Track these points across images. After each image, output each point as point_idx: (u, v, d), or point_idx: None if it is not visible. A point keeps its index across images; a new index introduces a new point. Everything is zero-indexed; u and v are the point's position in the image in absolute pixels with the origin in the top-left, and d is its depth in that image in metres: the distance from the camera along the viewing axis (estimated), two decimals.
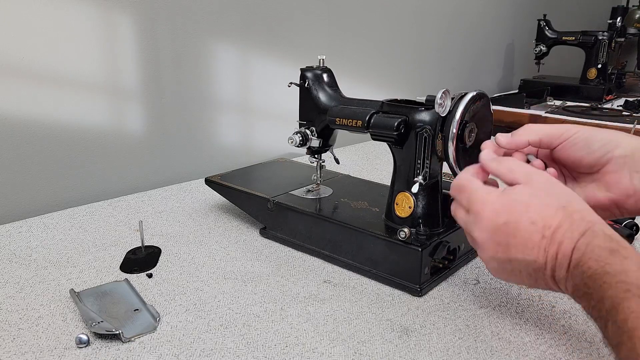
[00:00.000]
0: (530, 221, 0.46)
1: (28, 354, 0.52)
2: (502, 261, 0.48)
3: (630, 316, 0.37)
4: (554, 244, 0.45)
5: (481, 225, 0.49)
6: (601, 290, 0.40)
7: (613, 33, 1.98)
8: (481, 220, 0.49)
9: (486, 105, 0.65)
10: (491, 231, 0.48)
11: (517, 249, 0.47)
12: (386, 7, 1.53)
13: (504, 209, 0.48)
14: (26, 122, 0.89)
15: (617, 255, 0.41)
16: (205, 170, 1.13)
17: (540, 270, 0.46)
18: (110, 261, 0.72)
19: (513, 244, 0.47)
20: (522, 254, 0.46)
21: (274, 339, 0.55)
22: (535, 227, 0.46)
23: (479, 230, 0.49)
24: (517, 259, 0.47)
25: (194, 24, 1.07)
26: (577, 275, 0.43)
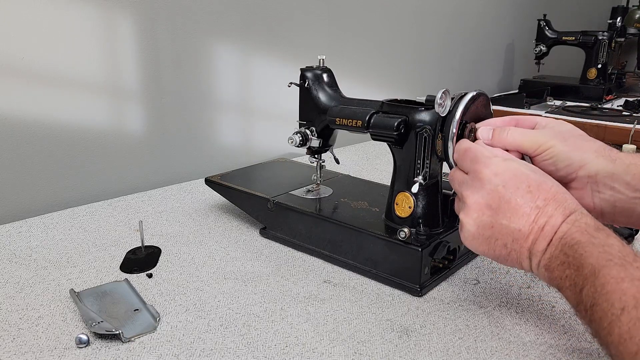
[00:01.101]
0: (527, 190, 0.48)
1: (28, 354, 0.52)
2: (484, 225, 0.50)
3: (609, 280, 0.40)
4: (544, 215, 0.47)
5: (478, 184, 0.51)
6: (581, 259, 0.43)
7: (613, 33, 1.98)
8: (480, 179, 0.51)
9: (486, 105, 0.65)
10: (486, 191, 0.50)
11: (505, 214, 0.49)
12: (386, 7, 1.53)
13: (507, 173, 0.50)
14: (26, 122, 0.89)
15: (603, 232, 0.44)
16: (205, 170, 1.13)
17: (519, 240, 0.48)
18: (110, 261, 0.72)
19: (504, 208, 0.49)
20: (508, 220, 0.48)
21: (274, 339, 0.55)
22: (532, 196, 0.48)
23: (472, 189, 0.51)
24: (501, 224, 0.49)
25: (194, 24, 1.07)
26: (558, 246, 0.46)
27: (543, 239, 0.47)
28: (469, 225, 0.51)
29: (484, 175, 0.51)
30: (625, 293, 0.38)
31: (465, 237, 0.53)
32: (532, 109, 1.76)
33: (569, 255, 0.44)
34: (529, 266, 0.49)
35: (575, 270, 0.43)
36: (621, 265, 0.40)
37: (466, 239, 0.53)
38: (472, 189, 0.51)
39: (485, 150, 0.53)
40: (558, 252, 0.45)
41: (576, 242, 0.44)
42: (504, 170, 0.50)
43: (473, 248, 0.53)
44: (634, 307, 0.37)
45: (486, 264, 0.72)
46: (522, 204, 0.48)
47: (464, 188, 0.53)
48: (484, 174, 0.51)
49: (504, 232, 0.49)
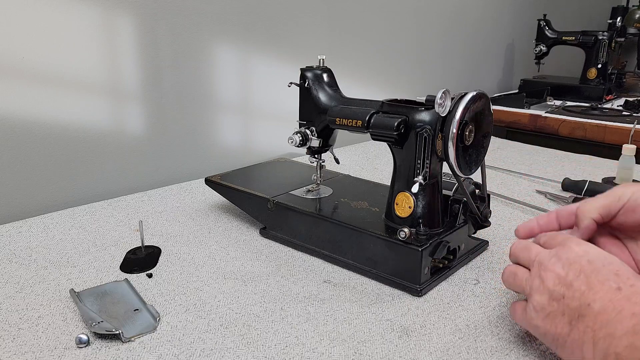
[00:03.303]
0: (615, 272, 0.44)
1: (28, 354, 0.52)
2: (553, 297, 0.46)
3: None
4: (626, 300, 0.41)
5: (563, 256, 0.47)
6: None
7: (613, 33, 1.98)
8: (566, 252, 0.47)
9: (486, 105, 0.65)
10: (569, 261, 0.46)
11: (579, 288, 0.44)
12: (386, 7, 1.53)
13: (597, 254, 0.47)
14: (26, 122, 0.89)
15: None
16: (205, 170, 1.13)
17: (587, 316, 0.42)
18: (110, 261, 0.72)
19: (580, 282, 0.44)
20: (580, 293, 0.44)
21: (274, 339, 0.55)
22: (617, 278, 0.43)
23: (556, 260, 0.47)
24: (573, 297, 0.44)
25: (194, 24, 1.07)
26: None
27: (619, 323, 0.40)
28: (540, 294, 0.47)
29: (572, 248, 0.47)
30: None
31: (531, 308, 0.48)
32: (532, 109, 1.76)
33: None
34: (591, 353, 0.41)
35: None
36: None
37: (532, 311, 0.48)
38: (554, 258, 0.48)
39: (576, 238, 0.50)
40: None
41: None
42: (595, 249, 0.47)
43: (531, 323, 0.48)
44: None
45: (486, 264, 0.72)
46: (601, 281, 0.43)
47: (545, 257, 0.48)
48: (572, 247, 0.47)
49: (573, 307, 0.44)
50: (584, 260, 0.46)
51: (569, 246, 0.48)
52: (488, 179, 0.74)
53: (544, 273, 0.47)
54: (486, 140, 0.68)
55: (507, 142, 1.48)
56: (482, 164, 0.70)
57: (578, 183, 0.98)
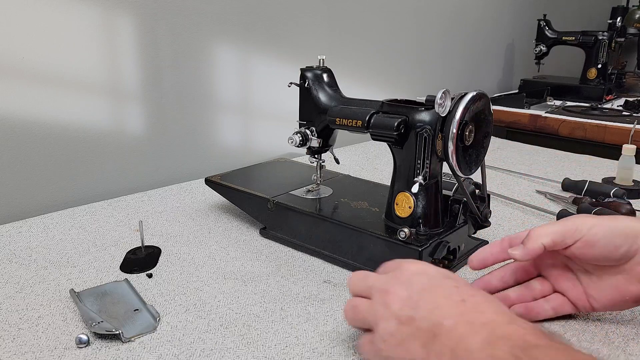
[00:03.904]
0: (454, 285, 0.44)
1: (28, 354, 0.52)
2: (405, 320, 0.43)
3: None
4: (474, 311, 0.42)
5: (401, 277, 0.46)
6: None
7: (613, 33, 1.98)
8: (403, 273, 0.47)
9: (486, 105, 0.65)
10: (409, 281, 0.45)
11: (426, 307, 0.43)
12: (386, 7, 1.53)
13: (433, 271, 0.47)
14: (26, 122, 0.89)
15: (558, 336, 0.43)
16: (205, 170, 1.13)
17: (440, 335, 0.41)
18: (110, 261, 0.72)
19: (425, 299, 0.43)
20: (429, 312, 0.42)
21: (274, 339, 0.55)
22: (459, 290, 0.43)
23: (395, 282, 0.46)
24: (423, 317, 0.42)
25: (194, 24, 1.07)
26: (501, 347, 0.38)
27: (473, 336, 0.38)
28: (387, 322, 0.44)
29: (408, 268, 0.47)
30: None
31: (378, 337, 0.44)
32: (532, 109, 1.77)
33: (521, 358, 0.35)
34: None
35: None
36: None
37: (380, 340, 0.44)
38: (392, 280, 0.46)
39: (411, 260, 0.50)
40: (504, 354, 0.36)
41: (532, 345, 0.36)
42: (430, 266, 0.47)
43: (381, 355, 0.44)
44: None
45: None
46: (445, 296, 0.43)
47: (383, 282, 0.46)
48: (408, 267, 0.47)
49: (424, 328, 0.41)
50: (424, 278, 0.45)
51: (405, 267, 0.47)
52: (488, 179, 0.74)
53: (387, 297, 0.45)
54: (486, 140, 0.68)
55: (507, 142, 1.48)
56: (482, 164, 0.70)
57: (578, 183, 0.98)
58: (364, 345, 0.47)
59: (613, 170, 1.10)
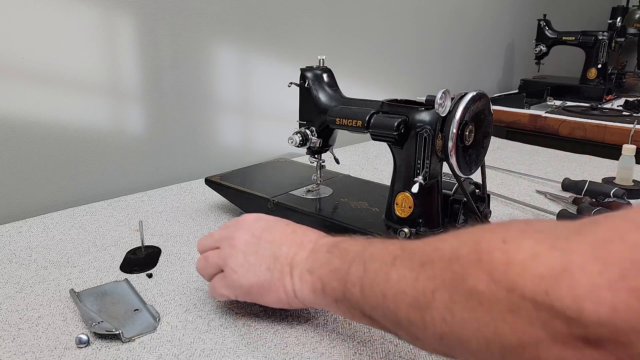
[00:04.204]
0: (286, 224, 0.56)
1: (28, 354, 0.52)
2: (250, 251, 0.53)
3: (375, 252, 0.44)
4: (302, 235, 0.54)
5: (242, 225, 0.56)
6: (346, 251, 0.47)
7: (613, 33, 1.98)
8: (243, 223, 0.56)
9: (486, 105, 0.65)
10: (250, 227, 0.55)
11: (267, 239, 0.54)
12: (386, 7, 1.53)
13: (267, 217, 0.57)
14: (26, 122, 0.89)
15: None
16: (205, 170, 1.13)
17: (280, 258, 0.52)
18: (110, 261, 0.72)
19: (265, 235, 0.54)
20: (270, 243, 0.53)
21: (274, 339, 0.55)
22: (289, 226, 0.55)
23: (238, 230, 0.55)
24: (265, 247, 0.53)
25: (194, 24, 1.07)
26: (321, 250, 0.50)
27: (303, 250, 0.51)
28: (236, 258, 0.54)
29: (246, 218, 0.57)
30: (392, 250, 0.42)
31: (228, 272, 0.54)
32: (532, 109, 1.77)
33: (332, 252, 0.48)
34: (290, 283, 0.51)
35: (340, 259, 0.47)
36: (381, 241, 0.45)
37: (231, 273, 0.54)
38: (235, 229, 0.56)
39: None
40: (322, 254, 0.49)
41: (339, 241, 0.50)
42: (263, 215, 0.58)
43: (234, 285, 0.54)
44: (402, 250, 0.42)
45: None
46: (280, 230, 0.54)
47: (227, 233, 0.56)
48: (246, 218, 0.57)
49: (267, 255, 0.53)
50: (262, 222, 0.56)
51: (243, 218, 0.57)
52: (488, 179, 0.74)
53: (233, 241, 0.55)
54: (486, 140, 0.68)
55: (507, 142, 1.48)
56: (482, 164, 0.70)
57: (578, 183, 0.98)
58: (216, 284, 0.56)
59: (613, 170, 1.10)
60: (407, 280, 0.39)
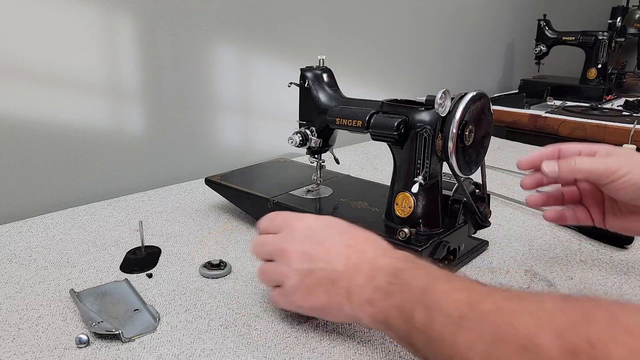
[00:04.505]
0: (338, 233, 0.52)
1: (28, 354, 0.52)
2: (305, 272, 0.51)
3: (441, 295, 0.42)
4: (358, 252, 0.50)
5: (292, 234, 0.53)
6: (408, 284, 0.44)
7: (613, 33, 1.98)
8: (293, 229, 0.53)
9: (486, 105, 0.65)
10: (300, 239, 0.52)
11: (321, 257, 0.50)
12: (386, 7, 1.53)
13: (317, 221, 0.54)
14: (26, 122, 0.89)
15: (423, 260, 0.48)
16: (205, 170, 1.13)
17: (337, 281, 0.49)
18: (110, 261, 0.72)
19: (318, 251, 0.51)
20: (324, 262, 0.50)
21: (274, 339, 0.55)
22: (342, 237, 0.52)
23: (290, 241, 0.52)
24: (320, 268, 0.50)
25: (194, 24, 1.07)
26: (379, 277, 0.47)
27: (359, 274, 0.48)
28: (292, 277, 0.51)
29: (297, 225, 0.53)
30: (458, 301, 0.40)
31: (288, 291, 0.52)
32: (532, 109, 1.76)
33: (393, 283, 0.45)
34: (350, 309, 0.48)
35: (402, 295, 0.44)
36: (446, 280, 0.43)
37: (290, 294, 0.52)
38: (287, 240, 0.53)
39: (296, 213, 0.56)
40: (381, 282, 0.46)
41: (399, 269, 0.46)
42: (314, 219, 0.54)
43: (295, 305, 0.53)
44: (470, 310, 0.39)
45: (486, 264, 0.72)
46: (334, 245, 0.51)
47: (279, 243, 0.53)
48: (297, 225, 0.53)
49: (322, 277, 0.50)
50: (311, 232, 0.52)
51: (293, 224, 0.54)
52: (488, 179, 0.74)
53: (286, 256, 0.52)
54: (486, 140, 0.68)
55: (507, 142, 1.48)
56: (482, 164, 0.70)
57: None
58: (277, 297, 0.54)
59: None
60: (476, 353, 0.36)
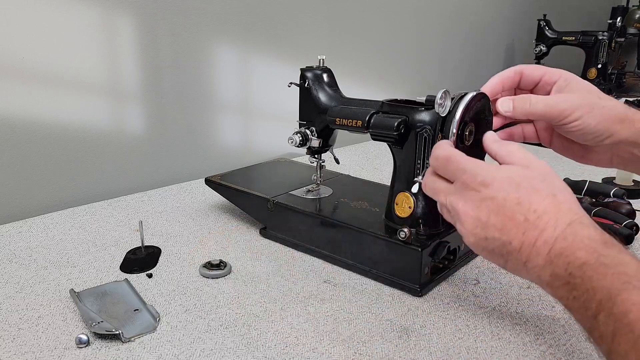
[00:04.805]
0: (516, 201, 0.45)
1: (28, 354, 0.52)
2: (479, 237, 0.47)
3: (631, 308, 0.35)
4: (535, 229, 0.44)
5: (467, 196, 0.48)
6: (592, 282, 0.39)
7: (613, 33, 1.98)
8: (466, 191, 0.48)
9: (486, 105, 0.65)
10: (475, 203, 0.47)
11: (495, 227, 0.46)
12: (386, 7, 1.53)
13: (496, 183, 0.46)
14: (26, 122, 0.89)
15: (613, 247, 0.41)
16: (205, 170, 1.13)
17: (512, 253, 0.45)
18: (110, 261, 0.72)
19: (492, 221, 0.46)
20: (499, 232, 0.45)
21: (274, 339, 0.55)
22: (521, 208, 0.45)
23: (463, 201, 0.48)
24: (493, 237, 0.46)
25: (194, 24, 1.07)
26: (558, 264, 0.42)
27: (537, 255, 0.43)
28: (468, 237, 0.49)
29: (471, 186, 0.47)
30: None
31: (469, 246, 0.49)
32: None
33: (575, 276, 0.40)
34: (529, 278, 0.46)
35: (584, 293, 0.39)
36: (634, 283, 0.36)
37: (472, 248, 0.49)
38: (461, 199, 0.48)
39: (471, 161, 0.50)
40: (561, 271, 0.41)
41: (583, 262, 0.40)
42: (492, 179, 0.47)
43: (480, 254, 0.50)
44: None
45: (486, 263, 0.72)
46: (510, 216, 0.45)
47: (452, 199, 0.49)
48: (471, 185, 0.47)
49: (496, 245, 0.46)
50: (488, 198, 0.46)
51: (467, 185, 0.48)
52: None
53: (459, 217, 0.48)
54: None
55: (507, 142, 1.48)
56: None
57: (578, 183, 0.98)
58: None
59: (613, 170, 1.10)
60: None
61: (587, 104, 0.55)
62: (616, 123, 0.55)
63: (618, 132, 0.55)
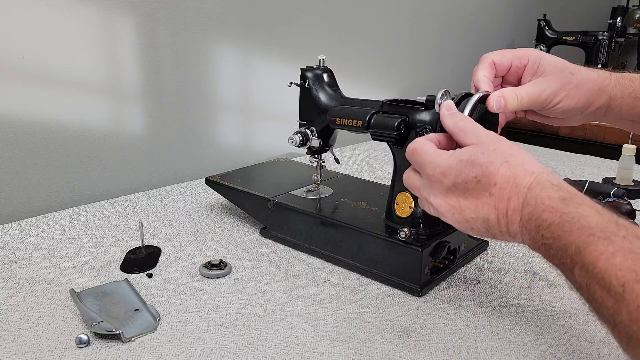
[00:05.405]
0: (476, 180, 0.47)
1: (28, 354, 0.52)
2: (460, 220, 0.49)
3: (599, 258, 0.37)
4: (502, 200, 0.46)
5: (435, 188, 0.50)
6: (561, 239, 0.41)
7: (613, 33, 1.98)
8: (432, 184, 0.50)
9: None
10: (443, 193, 0.49)
11: (469, 209, 0.48)
12: (386, 7, 1.53)
13: (451, 171, 0.48)
14: (26, 122, 0.89)
15: (571, 203, 0.42)
16: (205, 170, 1.13)
17: (494, 226, 0.47)
18: (110, 261, 0.72)
19: (465, 205, 0.48)
20: (474, 212, 0.47)
21: (274, 339, 0.55)
22: (482, 185, 0.47)
23: (434, 194, 0.50)
24: (472, 217, 0.48)
25: (194, 24, 1.07)
26: (532, 228, 0.44)
27: (513, 223, 0.45)
28: (453, 224, 0.51)
29: (434, 179, 0.49)
30: (621, 268, 0.36)
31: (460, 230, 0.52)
32: None
33: (547, 237, 0.42)
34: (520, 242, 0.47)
35: (559, 251, 0.41)
36: (605, 238, 0.38)
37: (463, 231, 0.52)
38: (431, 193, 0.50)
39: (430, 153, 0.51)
40: (535, 234, 0.43)
41: (549, 224, 0.42)
42: (447, 167, 0.48)
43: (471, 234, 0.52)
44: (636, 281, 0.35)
45: (486, 264, 0.72)
46: (476, 196, 0.47)
47: (425, 194, 0.51)
48: (434, 178, 0.49)
49: (479, 222, 0.48)
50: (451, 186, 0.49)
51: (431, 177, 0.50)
52: None
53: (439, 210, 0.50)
54: None
55: None
56: None
57: (578, 183, 0.98)
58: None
59: (613, 170, 1.10)
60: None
61: (564, 85, 0.58)
62: (593, 95, 0.60)
63: (595, 102, 0.60)
